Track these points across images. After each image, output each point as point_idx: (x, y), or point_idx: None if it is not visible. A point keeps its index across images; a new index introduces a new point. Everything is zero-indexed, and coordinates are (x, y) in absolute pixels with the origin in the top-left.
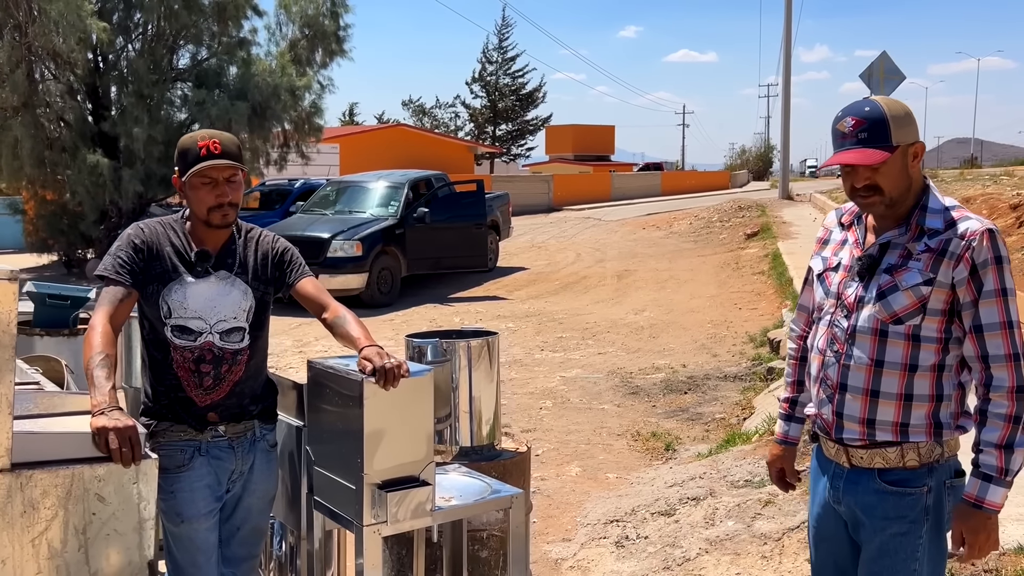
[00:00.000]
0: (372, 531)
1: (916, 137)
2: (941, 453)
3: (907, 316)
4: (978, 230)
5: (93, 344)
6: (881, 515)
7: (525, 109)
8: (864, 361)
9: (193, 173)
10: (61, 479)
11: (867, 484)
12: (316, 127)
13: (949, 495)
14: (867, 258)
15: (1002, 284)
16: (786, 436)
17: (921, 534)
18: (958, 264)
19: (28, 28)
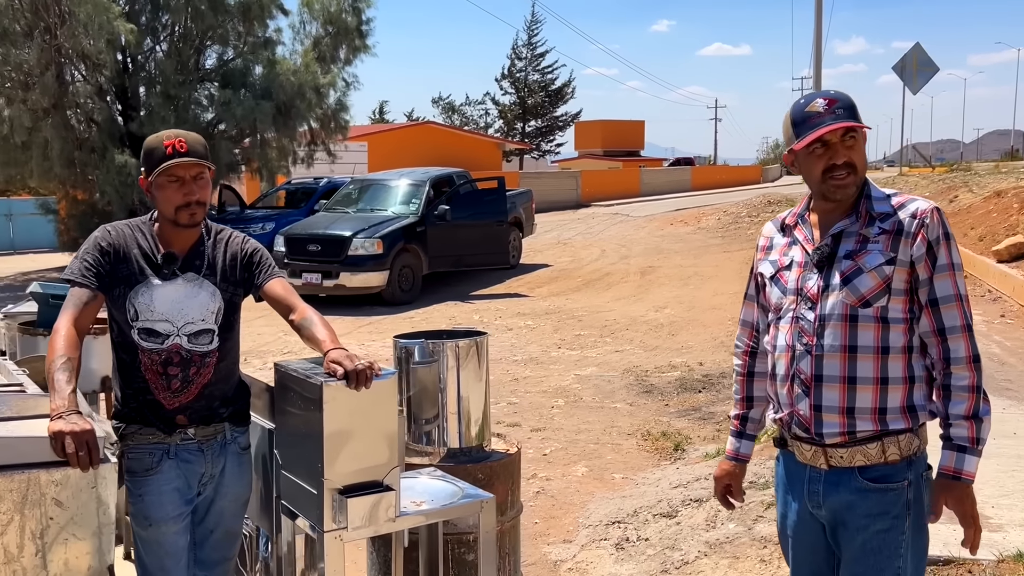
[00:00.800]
0: (333, 537)
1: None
2: (919, 445)
3: (874, 298)
4: (928, 209)
5: (55, 348)
6: (864, 513)
7: (554, 105)
8: (837, 348)
9: (160, 172)
10: (16, 484)
11: (848, 483)
12: (342, 124)
13: (926, 486)
14: (823, 248)
15: (952, 259)
16: (736, 453)
17: (904, 529)
18: (914, 241)
19: (58, 31)
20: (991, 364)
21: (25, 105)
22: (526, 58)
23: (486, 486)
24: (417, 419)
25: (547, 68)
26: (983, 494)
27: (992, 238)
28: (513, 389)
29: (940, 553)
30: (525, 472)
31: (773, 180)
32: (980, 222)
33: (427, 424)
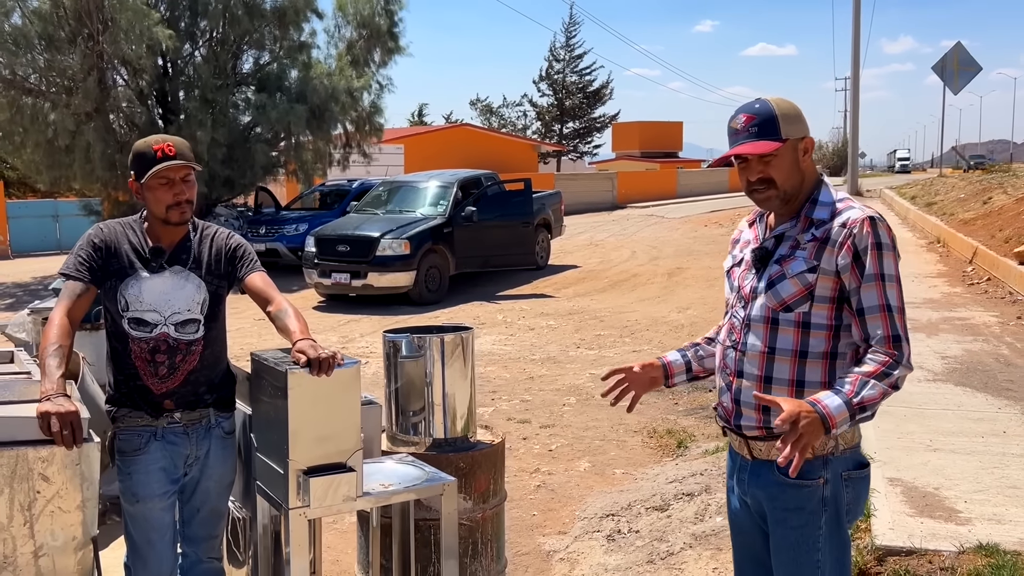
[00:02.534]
0: (297, 514)
1: (805, 133)
2: (835, 446)
3: (795, 303)
4: (858, 218)
5: (48, 336)
6: (782, 507)
7: (592, 106)
8: (758, 348)
9: (152, 175)
10: (6, 459)
11: (767, 476)
12: (376, 127)
13: (848, 487)
14: (761, 250)
15: (881, 269)
16: (664, 357)
17: (820, 525)
18: (840, 251)
19: (100, 36)
20: (997, 364)
21: (68, 109)
22: (564, 60)
23: (467, 475)
24: (404, 411)
25: (585, 70)
26: (959, 489)
27: (1018, 240)
28: (528, 387)
29: (904, 544)
30: (528, 466)
31: None
32: (1009, 224)
33: (414, 416)
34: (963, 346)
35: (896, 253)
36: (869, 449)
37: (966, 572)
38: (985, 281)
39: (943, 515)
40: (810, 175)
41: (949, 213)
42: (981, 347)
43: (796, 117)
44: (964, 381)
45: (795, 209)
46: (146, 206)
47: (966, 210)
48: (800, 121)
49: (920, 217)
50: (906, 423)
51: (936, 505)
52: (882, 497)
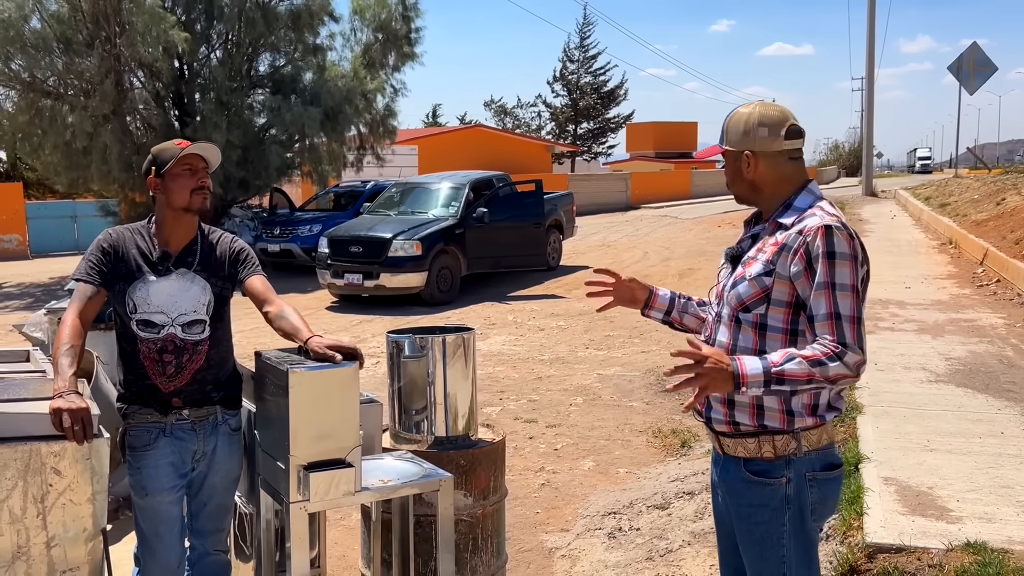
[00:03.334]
0: (298, 508)
1: (748, 147)
2: (797, 447)
3: (753, 305)
4: (814, 226)
5: (61, 337)
6: (746, 503)
7: (606, 107)
8: (723, 345)
9: (177, 161)
10: (20, 454)
11: (735, 472)
12: (390, 129)
13: (813, 487)
14: (734, 249)
15: (831, 278)
16: (655, 288)
17: (784, 521)
18: (794, 258)
19: (117, 40)
20: (1000, 366)
21: (86, 112)
22: (578, 60)
23: (468, 472)
24: (407, 409)
25: (599, 70)
26: (953, 488)
27: None
28: (535, 387)
29: (894, 542)
30: (534, 465)
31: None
32: (1021, 225)
33: (416, 414)
34: (968, 348)
35: (855, 263)
36: (866, 449)
37: (953, 569)
38: (995, 283)
39: (935, 514)
40: (764, 184)
41: (962, 214)
42: (986, 349)
43: (741, 131)
44: (966, 382)
45: (771, 212)
46: (165, 200)
47: (979, 211)
48: (744, 135)
49: (933, 218)
50: (905, 424)
51: (928, 504)
52: (876, 496)
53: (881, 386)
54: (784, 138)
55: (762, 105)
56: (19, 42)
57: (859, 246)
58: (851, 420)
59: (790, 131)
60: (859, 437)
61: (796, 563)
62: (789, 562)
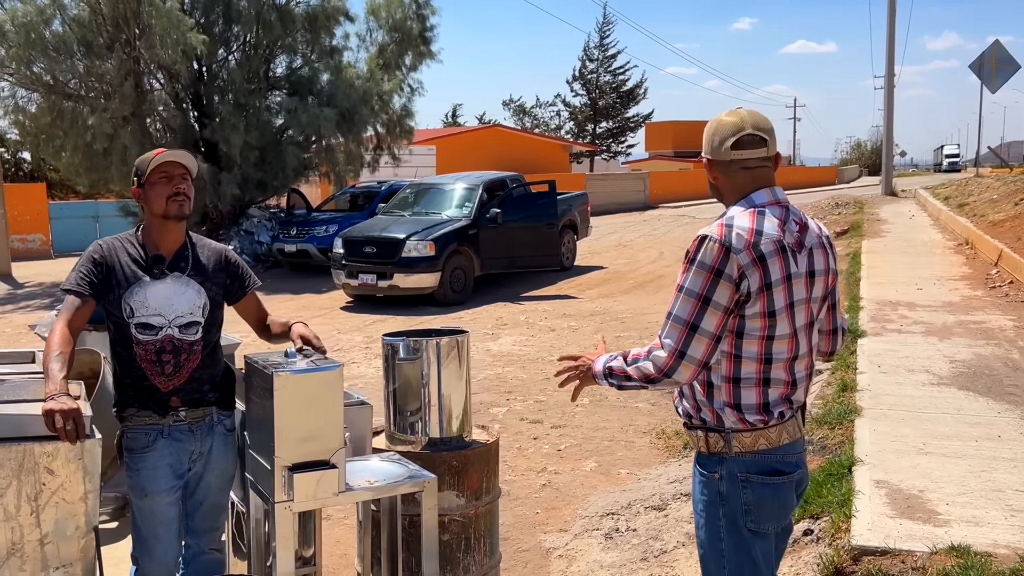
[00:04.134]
0: (283, 507)
1: (706, 155)
2: (726, 446)
3: None
4: (698, 233)
5: (51, 344)
6: (696, 491)
7: (626, 106)
8: None
9: (153, 170)
10: (14, 453)
11: (695, 461)
12: (407, 129)
13: (746, 488)
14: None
15: (682, 282)
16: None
17: (720, 516)
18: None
19: (136, 42)
20: (1005, 369)
21: (106, 113)
22: (597, 59)
23: (460, 472)
24: (402, 411)
25: (618, 69)
26: (944, 491)
27: None
28: (543, 388)
29: (879, 544)
30: (536, 466)
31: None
32: None
33: (411, 416)
34: (974, 350)
35: (714, 275)
36: (861, 452)
37: (936, 572)
38: (1008, 284)
39: (923, 517)
40: (730, 190)
41: (980, 215)
42: (992, 351)
43: (705, 139)
44: (968, 385)
45: None
46: (146, 208)
47: (997, 211)
48: (706, 143)
49: (951, 218)
50: (902, 426)
51: (918, 507)
52: (865, 499)
53: (883, 389)
54: (731, 148)
55: (728, 113)
56: (41, 45)
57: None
58: (848, 423)
59: (740, 141)
60: (855, 440)
61: (735, 560)
62: (728, 556)
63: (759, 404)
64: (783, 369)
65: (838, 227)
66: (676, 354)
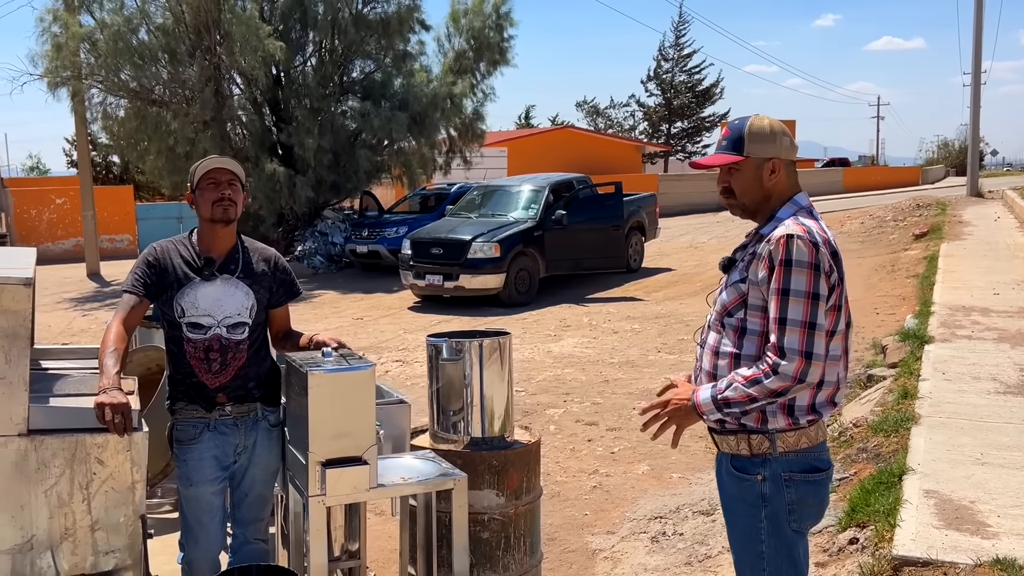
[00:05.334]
0: (316, 501)
1: (773, 154)
2: (771, 447)
3: (734, 309)
4: (779, 236)
5: (106, 340)
6: (729, 496)
7: (701, 106)
8: (709, 347)
9: (203, 176)
10: (67, 444)
11: (723, 467)
12: (478, 133)
13: (789, 488)
14: (725, 259)
15: (785, 284)
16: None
17: (761, 519)
18: (760, 265)
19: (217, 49)
20: None
21: (188, 118)
22: (673, 59)
23: (500, 472)
24: (444, 410)
25: (694, 69)
26: (996, 503)
27: None
28: (601, 390)
29: (921, 555)
30: (588, 468)
31: (934, 182)
32: None
33: (454, 415)
34: None
35: (815, 270)
36: (913, 460)
37: None
38: None
39: (971, 528)
40: (777, 193)
41: None
42: None
43: (766, 138)
44: None
45: (761, 223)
46: (198, 213)
47: None
48: (771, 142)
49: None
50: (960, 435)
51: (966, 519)
52: (912, 508)
53: (944, 396)
54: (792, 146)
55: (764, 116)
56: (128, 53)
57: (825, 256)
58: (905, 431)
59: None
60: (909, 448)
61: (775, 562)
62: (768, 559)
63: (810, 404)
64: (838, 367)
65: (917, 229)
66: (804, 356)
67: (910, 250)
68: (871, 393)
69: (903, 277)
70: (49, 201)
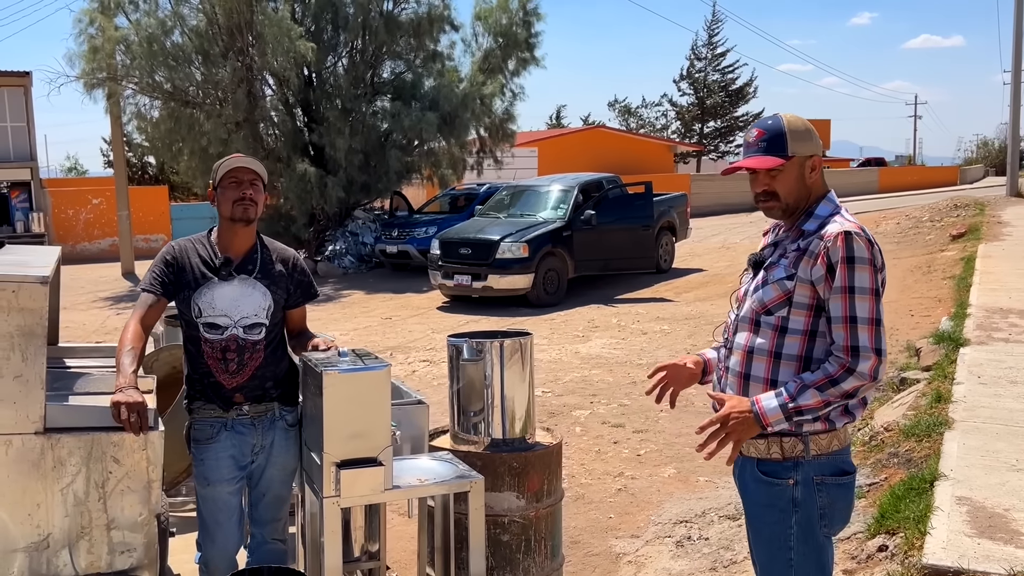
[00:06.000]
0: (331, 502)
1: (814, 151)
2: (804, 450)
3: (775, 307)
4: (835, 232)
5: (123, 340)
6: (757, 502)
7: (734, 105)
8: (740, 347)
9: (225, 175)
10: (83, 442)
11: (749, 472)
12: (509, 133)
13: (821, 491)
14: (756, 256)
15: (850, 282)
16: (703, 353)
17: (791, 524)
18: (816, 263)
19: (250, 50)
20: None
21: (220, 119)
22: (706, 58)
23: (521, 474)
24: (465, 411)
25: (728, 68)
26: None
27: None
28: (628, 392)
29: (952, 564)
30: (614, 470)
31: (973, 182)
32: None
33: (474, 416)
34: None
35: (874, 267)
36: (946, 466)
37: None
38: None
39: (1004, 537)
40: (816, 189)
41: None
42: None
43: (805, 135)
44: None
45: (795, 220)
46: (218, 211)
47: None
48: (809, 140)
49: None
50: (996, 441)
51: (1000, 527)
52: (944, 516)
53: (979, 400)
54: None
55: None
56: (162, 55)
57: (878, 252)
58: (937, 435)
59: None
60: (941, 453)
61: (804, 569)
62: (797, 566)
63: (844, 406)
64: None
65: (955, 230)
66: (876, 352)
67: (947, 251)
68: (904, 396)
69: (939, 279)
70: (86, 201)
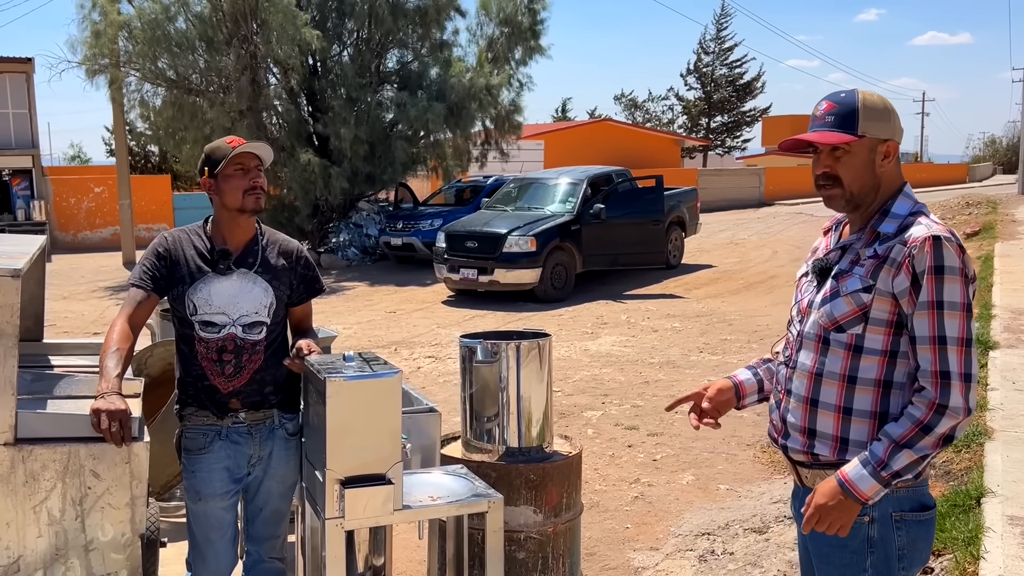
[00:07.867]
0: (334, 524)
1: (890, 135)
2: None
3: (848, 324)
4: (920, 236)
5: (108, 340)
6: (826, 542)
7: (742, 100)
8: (806, 368)
9: (228, 161)
10: (59, 455)
11: None
12: (515, 124)
13: (900, 529)
14: (822, 261)
15: (938, 296)
16: (735, 376)
17: (866, 567)
18: (899, 272)
19: (254, 38)
20: None
21: (224, 107)
22: (713, 52)
23: (538, 488)
24: (478, 416)
25: (735, 62)
26: None
27: None
28: (641, 392)
29: None
30: (629, 476)
31: (982, 179)
32: None
33: (488, 422)
34: None
35: (966, 278)
36: (991, 481)
37: None
38: None
39: None
40: (889, 182)
41: None
42: None
43: (882, 114)
44: None
45: (866, 219)
46: (219, 200)
47: None
48: (886, 120)
49: None
50: None
51: None
52: (997, 538)
53: (1018, 408)
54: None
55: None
56: (165, 42)
57: (969, 261)
58: (978, 446)
59: None
60: (985, 466)
61: None
62: None
63: None
64: None
65: (968, 228)
66: (964, 378)
67: None
68: None
69: None
70: (88, 190)
